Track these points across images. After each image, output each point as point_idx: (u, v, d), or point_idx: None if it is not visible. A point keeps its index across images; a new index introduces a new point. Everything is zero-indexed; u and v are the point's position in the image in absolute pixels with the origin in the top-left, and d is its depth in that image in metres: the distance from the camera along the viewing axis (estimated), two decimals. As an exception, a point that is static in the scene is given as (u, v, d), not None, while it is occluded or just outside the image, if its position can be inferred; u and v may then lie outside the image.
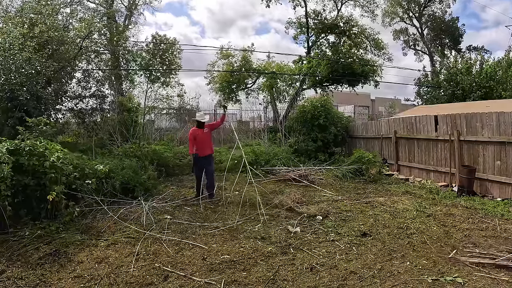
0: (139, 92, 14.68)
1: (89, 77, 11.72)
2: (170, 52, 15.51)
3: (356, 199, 6.45)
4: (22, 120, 6.87)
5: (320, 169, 9.43)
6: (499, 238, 4.22)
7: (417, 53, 28.84)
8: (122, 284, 3.14)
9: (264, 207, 5.90)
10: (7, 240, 4.05)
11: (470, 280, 3.13)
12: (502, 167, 6.27)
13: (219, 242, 4.23)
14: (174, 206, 5.95)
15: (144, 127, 11.83)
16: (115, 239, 4.23)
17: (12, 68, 7.42)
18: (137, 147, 8.56)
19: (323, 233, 4.55)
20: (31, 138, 5.16)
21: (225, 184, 7.78)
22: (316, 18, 17.73)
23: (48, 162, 4.59)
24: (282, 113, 16.78)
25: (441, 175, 7.90)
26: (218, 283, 3.15)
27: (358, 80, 16.88)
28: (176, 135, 13.92)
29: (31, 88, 7.58)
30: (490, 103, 9.92)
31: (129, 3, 16.24)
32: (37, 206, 4.70)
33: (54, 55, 8.57)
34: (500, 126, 6.31)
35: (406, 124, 9.24)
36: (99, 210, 5.38)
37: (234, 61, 18.30)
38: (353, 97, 21.67)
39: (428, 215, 5.26)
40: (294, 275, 3.33)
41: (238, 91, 19.07)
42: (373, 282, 3.15)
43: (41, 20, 8.92)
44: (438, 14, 26.22)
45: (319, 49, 18.20)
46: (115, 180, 6.17)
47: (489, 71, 14.75)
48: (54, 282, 3.16)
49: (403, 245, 4.06)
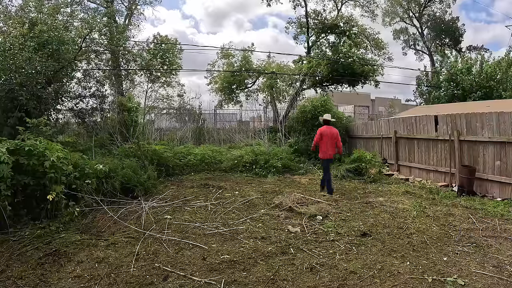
0: (139, 92, 14.72)
1: (89, 77, 11.72)
2: (170, 53, 15.51)
3: (356, 199, 6.45)
4: (22, 120, 6.86)
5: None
6: (499, 238, 4.22)
7: (417, 52, 28.88)
8: (122, 284, 3.14)
9: (265, 207, 5.91)
10: (7, 240, 4.05)
11: (471, 280, 3.13)
12: (502, 167, 6.27)
13: (219, 242, 4.24)
14: (174, 206, 5.95)
15: (144, 127, 11.83)
16: (115, 239, 4.23)
17: (12, 68, 7.42)
18: (137, 147, 8.56)
19: (323, 233, 4.55)
20: (31, 138, 5.16)
21: (225, 184, 7.80)
22: (316, 18, 17.76)
23: (48, 162, 4.59)
24: (282, 113, 16.79)
25: (441, 175, 7.89)
26: (218, 283, 3.15)
27: (358, 80, 16.89)
28: (176, 135, 13.93)
29: (31, 88, 7.58)
30: (490, 103, 9.92)
31: (129, 3, 16.23)
32: (37, 206, 4.70)
33: (54, 55, 8.55)
34: (500, 126, 6.30)
35: (406, 124, 9.24)
36: (99, 210, 5.38)
37: (234, 61, 18.32)
38: (353, 97, 21.70)
39: (428, 215, 5.26)
40: (294, 275, 3.33)
41: (239, 92, 19.11)
42: (373, 282, 3.15)
43: (41, 20, 8.91)
44: (438, 14, 26.23)
45: (319, 49, 18.22)
46: (115, 180, 6.17)
47: (489, 71, 14.74)
48: (54, 282, 3.16)
49: (403, 245, 4.05)
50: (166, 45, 15.89)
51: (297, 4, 17.86)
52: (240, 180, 8.64)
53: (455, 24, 26.04)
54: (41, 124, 6.30)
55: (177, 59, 16.34)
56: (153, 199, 6.32)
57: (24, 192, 4.60)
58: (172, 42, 16.55)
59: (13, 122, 7.05)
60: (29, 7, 9.80)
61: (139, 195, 6.35)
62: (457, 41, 26.12)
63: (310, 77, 17.35)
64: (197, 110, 16.23)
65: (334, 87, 17.81)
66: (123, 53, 13.79)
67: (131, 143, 9.22)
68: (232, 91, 19.02)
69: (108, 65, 13.35)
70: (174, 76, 17.30)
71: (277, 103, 17.86)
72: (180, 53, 16.77)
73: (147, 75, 15.71)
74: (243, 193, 6.95)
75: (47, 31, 8.46)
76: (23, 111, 7.34)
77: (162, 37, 16.84)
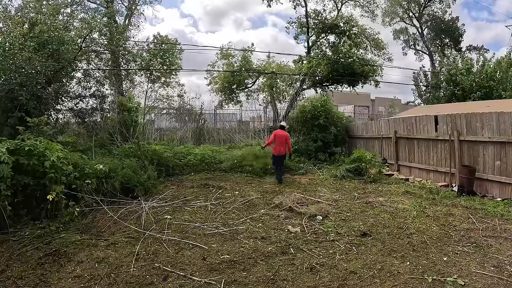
0: (139, 92, 14.73)
1: (89, 77, 11.72)
2: (170, 53, 15.52)
3: (356, 199, 6.45)
4: (22, 120, 6.86)
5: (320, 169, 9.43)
6: (499, 238, 4.22)
7: (417, 52, 28.88)
8: (122, 284, 3.14)
9: (265, 207, 5.91)
10: (7, 240, 4.05)
11: (471, 280, 3.13)
12: (502, 167, 6.27)
13: (219, 242, 4.23)
14: (174, 206, 5.95)
15: (144, 127, 11.82)
16: (115, 239, 4.23)
17: (12, 68, 7.42)
18: (137, 147, 8.56)
19: (323, 233, 4.55)
20: (31, 138, 5.16)
21: (225, 184, 7.79)
22: (316, 18, 17.76)
23: (48, 162, 4.59)
24: (282, 113, 16.79)
25: (441, 175, 7.89)
26: (218, 283, 3.15)
27: (358, 80, 16.89)
28: (176, 135, 13.93)
29: (31, 88, 7.57)
30: (490, 103, 9.91)
31: (129, 3, 16.24)
32: (37, 206, 4.70)
33: (54, 55, 8.54)
34: (500, 126, 6.31)
35: (406, 124, 9.24)
36: (99, 210, 5.38)
37: (234, 61, 18.33)
38: (353, 97, 21.69)
39: (428, 215, 5.26)
40: (294, 275, 3.33)
41: (239, 92, 19.12)
42: (373, 282, 3.15)
43: (41, 20, 8.91)
44: (438, 14, 26.23)
45: (319, 49, 18.23)
46: (115, 180, 6.17)
47: (489, 71, 14.74)
48: (54, 282, 3.16)
49: (403, 245, 4.05)
50: (166, 45, 15.90)
51: (297, 4, 17.88)
52: (240, 180, 8.64)
53: (455, 24, 26.05)
54: (42, 123, 6.30)
55: (177, 59, 16.35)
56: (153, 199, 6.32)
57: (24, 192, 4.59)
58: (172, 42, 16.56)
59: (13, 122, 7.05)
60: (29, 7, 9.79)
61: (139, 195, 6.34)
62: (457, 41, 26.12)
63: (310, 77, 17.35)
64: (197, 110, 16.24)
65: (334, 87, 17.83)
66: (123, 53, 13.79)
67: (131, 143, 9.21)
68: (232, 91, 19.03)
69: (108, 65, 13.35)
70: (174, 76, 17.33)
71: (277, 103, 17.87)
72: (180, 53, 16.80)
73: (147, 75, 15.72)
74: (243, 193, 6.95)
75: (47, 31, 8.45)
76: (23, 111, 7.34)
77: (162, 37, 16.86)
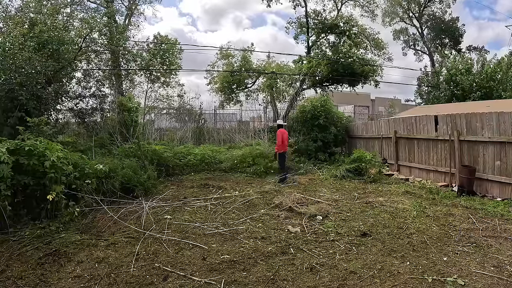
0: (139, 92, 14.73)
1: (89, 77, 11.72)
2: (170, 53, 15.51)
3: (356, 199, 6.45)
4: (22, 120, 6.86)
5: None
6: (499, 238, 4.22)
7: (417, 53, 28.87)
8: (122, 284, 3.14)
9: (265, 207, 5.91)
10: (7, 240, 4.05)
11: (471, 280, 3.13)
12: (502, 167, 6.27)
13: (219, 242, 4.23)
14: (174, 206, 5.95)
15: (144, 127, 11.82)
16: (115, 239, 4.23)
17: (12, 68, 7.42)
18: (137, 147, 8.56)
19: (323, 233, 4.55)
20: (31, 138, 5.16)
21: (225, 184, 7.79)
22: (316, 18, 17.76)
23: (48, 162, 4.59)
24: (282, 113, 16.79)
25: (441, 175, 7.89)
26: (218, 283, 3.15)
27: (358, 80, 16.89)
28: (176, 135, 13.92)
29: (31, 88, 7.58)
30: (490, 103, 9.91)
31: (129, 3, 16.24)
32: (37, 206, 4.70)
33: (54, 55, 8.56)
34: (500, 126, 6.30)
35: (406, 124, 9.24)
36: (99, 210, 5.38)
37: (234, 61, 18.33)
38: (353, 97, 21.68)
39: (428, 215, 5.25)
40: (294, 275, 3.33)
41: (239, 92, 19.12)
42: (373, 282, 3.15)
43: (41, 20, 8.92)
44: (438, 14, 26.23)
45: (319, 49, 18.23)
46: (115, 180, 6.17)
47: (489, 71, 14.75)
48: (54, 282, 3.16)
49: (403, 245, 4.05)
50: (166, 45, 15.90)
51: (297, 4, 17.87)
52: (240, 180, 8.65)
53: (455, 24, 26.04)
54: (42, 123, 6.30)
55: (177, 59, 16.35)
56: (153, 199, 6.33)
57: (24, 192, 4.60)
58: (172, 42, 16.57)
59: (13, 122, 7.05)
60: (29, 7, 9.80)
61: (139, 195, 6.35)
62: (457, 41, 26.12)
63: (310, 77, 17.36)
64: (198, 110, 16.24)
65: (334, 87, 17.82)
66: (123, 53, 13.80)
67: (131, 143, 9.22)
68: (232, 91, 19.03)
69: (108, 65, 13.35)
70: (174, 76, 17.32)
71: (277, 103, 17.86)
72: (180, 53, 16.80)
73: (147, 75, 15.72)
74: (243, 193, 6.96)
75: (47, 31, 8.46)
76: (23, 111, 7.34)
77: (162, 37, 16.86)
